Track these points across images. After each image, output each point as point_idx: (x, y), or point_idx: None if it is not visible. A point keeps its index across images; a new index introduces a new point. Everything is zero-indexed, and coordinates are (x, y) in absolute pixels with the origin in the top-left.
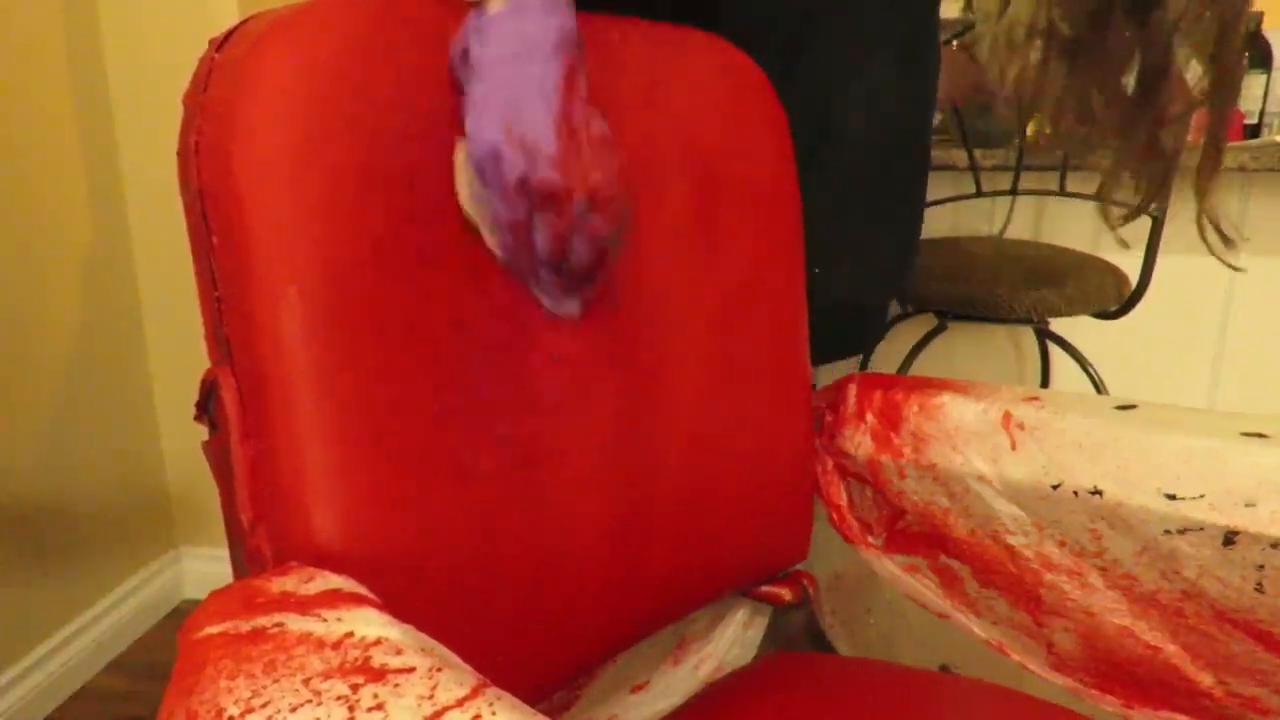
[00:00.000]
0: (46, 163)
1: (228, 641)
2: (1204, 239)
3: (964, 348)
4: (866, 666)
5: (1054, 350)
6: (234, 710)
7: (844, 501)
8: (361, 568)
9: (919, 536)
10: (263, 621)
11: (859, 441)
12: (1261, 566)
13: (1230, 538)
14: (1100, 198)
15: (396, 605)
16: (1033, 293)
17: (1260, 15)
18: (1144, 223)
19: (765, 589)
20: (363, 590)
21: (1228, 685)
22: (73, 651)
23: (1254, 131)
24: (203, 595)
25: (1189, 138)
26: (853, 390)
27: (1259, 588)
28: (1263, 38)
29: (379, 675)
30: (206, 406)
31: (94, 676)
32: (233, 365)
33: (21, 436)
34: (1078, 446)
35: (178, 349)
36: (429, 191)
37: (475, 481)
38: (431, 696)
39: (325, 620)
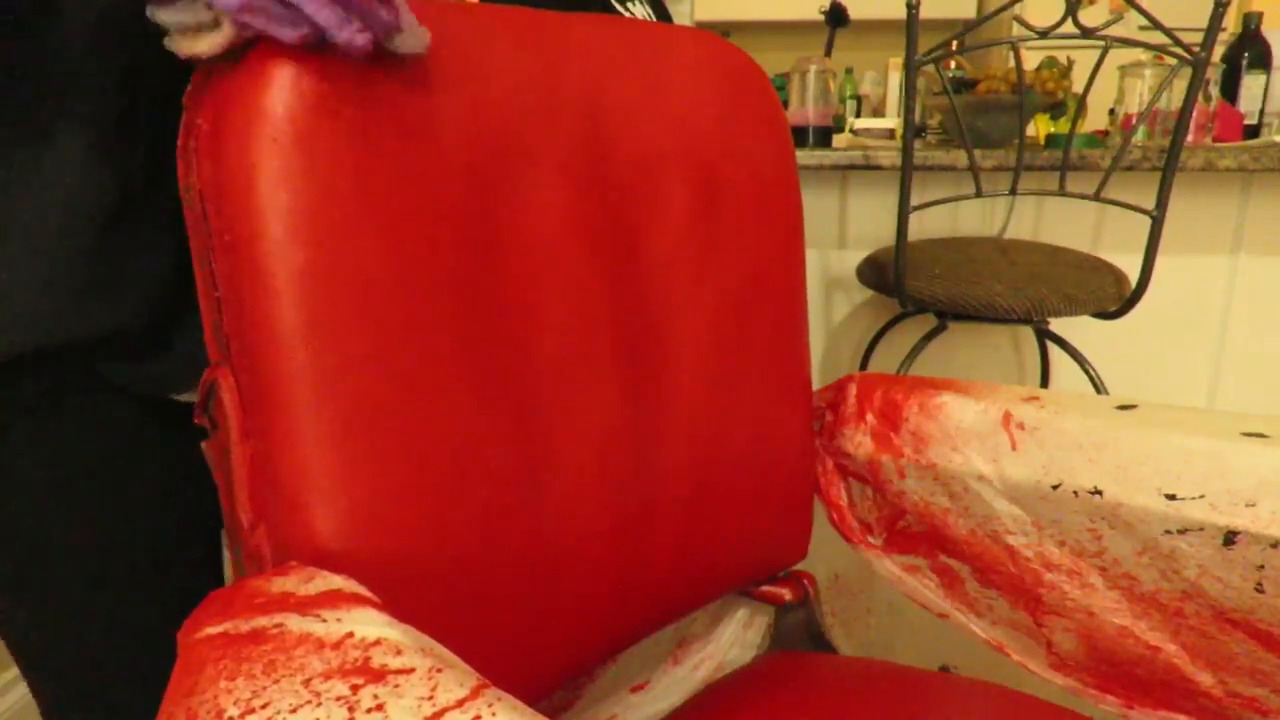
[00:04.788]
0: None
1: (228, 642)
2: None
3: (964, 348)
4: (866, 666)
5: (1054, 350)
6: (234, 711)
7: (844, 501)
8: (361, 568)
9: (919, 536)
10: (263, 622)
11: (859, 441)
12: (1261, 566)
13: (1230, 538)
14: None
15: (397, 605)
16: (1033, 293)
17: (1260, 15)
18: (1144, 222)
19: (765, 589)
20: (363, 590)
21: (1228, 685)
22: None
23: (1254, 131)
24: None
25: (1189, 138)
26: (853, 390)
27: (1259, 588)
28: (1263, 38)
29: (379, 676)
30: (206, 406)
31: None
32: (232, 365)
33: None
34: (1078, 446)
35: None
36: (430, 189)
37: (476, 481)
38: (431, 697)
39: (325, 620)
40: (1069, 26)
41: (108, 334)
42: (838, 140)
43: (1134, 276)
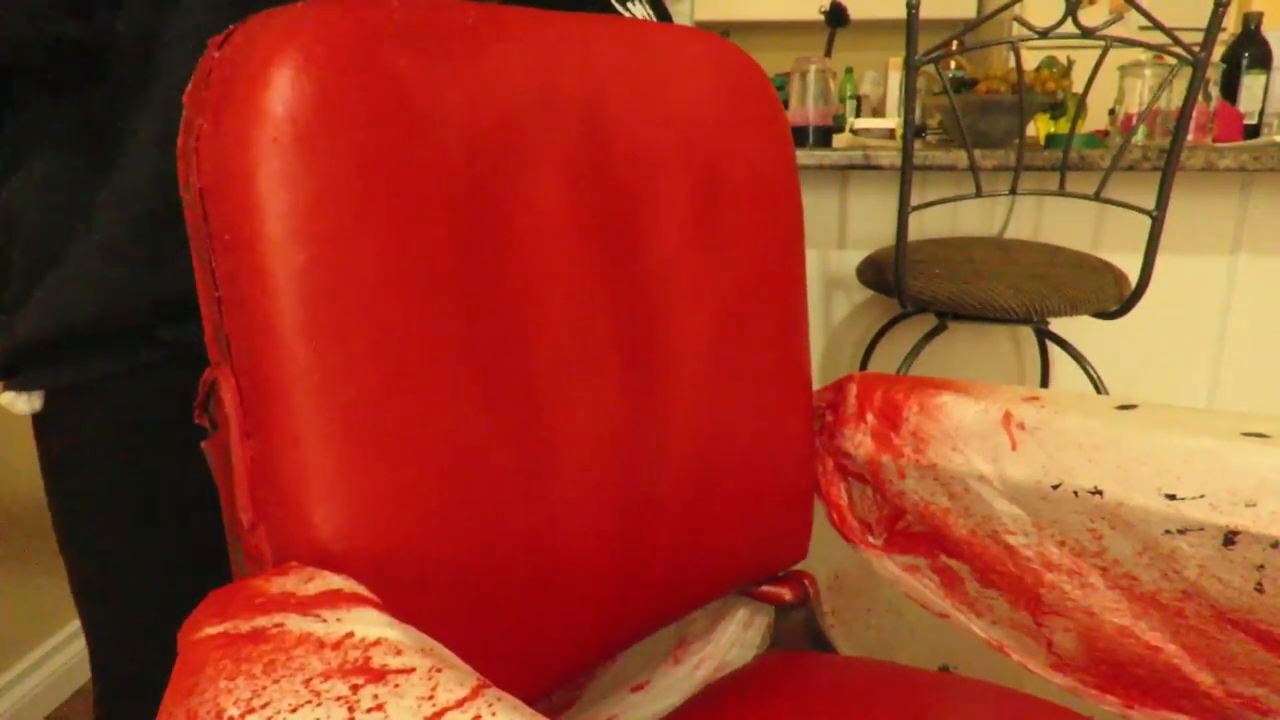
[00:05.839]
0: None
1: (228, 641)
2: None
3: (964, 348)
4: (866, 666)
5: (1054, 350)
6: (234, 711)
7: (844, 501)
8: (362, 568)
9: (919, 536)
10: (263, 622)
11: (859, 441)
12: (1261, 566)
13: (1230, 538)
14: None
15: (397, 605)
16: (1033, 293)
17: (1260, 15)
18: (1144, 222)
19: (765, 589)
20: (363, 590)
21: (1228, 685)
22: (73, 651)
23: (1254, 131)
24: None
25: (1189, 137)
26: (853, 390)
27: (1259, 588)
28: (1263, 38)
29: (379, 676)
30: (206, 406)
31: None
32: (233, 365)
33: (22, 437)
34: (1078, 446)
35: None
36: (430, 189)
37: (477, 481)
38: (431, 697)
39: (325, 620)
40: (1069, 26)
41: (166, 302)
42: (838, 140)
43: (1134, 276)
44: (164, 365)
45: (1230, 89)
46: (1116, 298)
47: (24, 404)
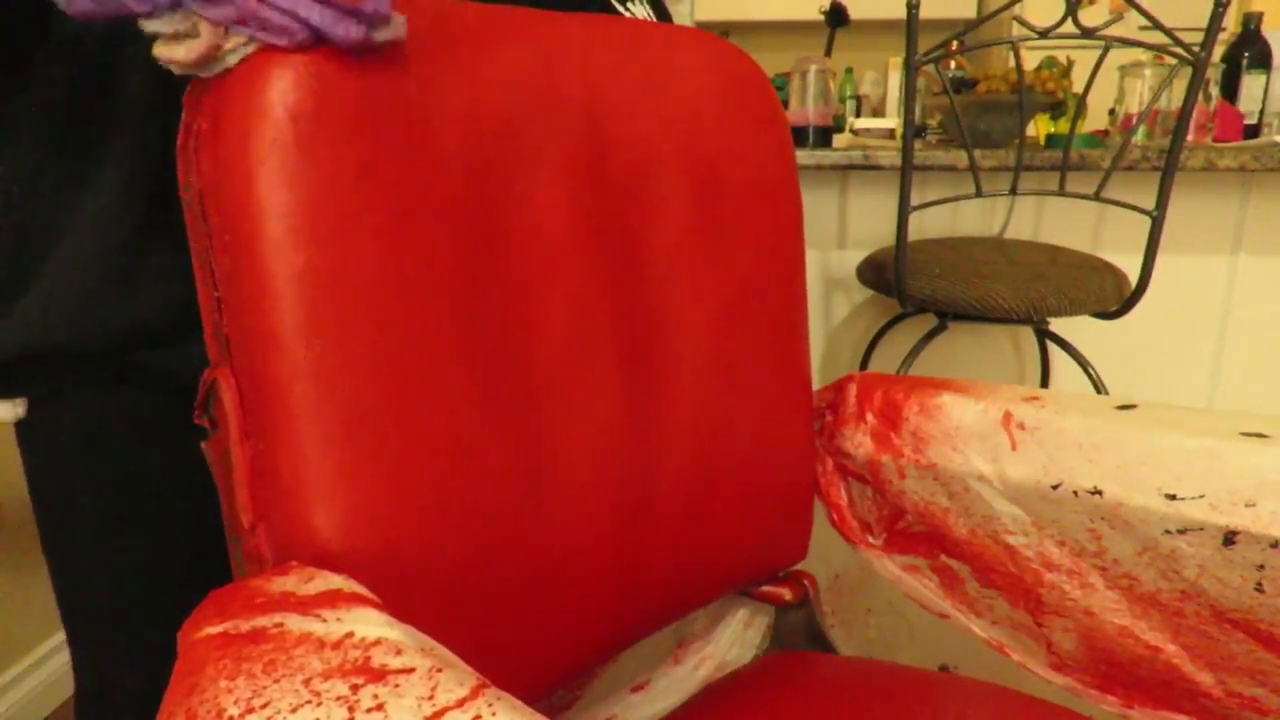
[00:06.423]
0: None
1: (228, 641)
2: None
3: (964, 348)
4: (866, 666)
5: (1054, 350)
6: (234, 710)
7: (844, 501)
8: (361, 568)
9: (919, 536)
10: (263, 621)
11: (859, 441)
12: (1261, 566)
13: (1230, 538)
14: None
15: (397, 605)
16: (1033, 293)
17: (1260, 15)
18: (1144, 222)
19: (765, 589)
20: (363, 590)
21: (1228, 685)
22: None
23: (1254, 131)
24: None
25: (1189, 137)
26: (853, 390)
27: (1259, 588)
28: (1263, 38)
29: (379, 675)
30: (206, 406)
31: None
32: (232, 365)
33: None
34: (1078, 446)
35: None
36: (430, 189)
37: (476, 481)
38: (431, 697)
39: (325, 620)
40: (1069, 26)
41: (139, 327)
42: (838, 140)
43: (1134, 276)
44: (139, 387)
45: (1230, 89)
46: (1116, 298)
47: (7, 410)
